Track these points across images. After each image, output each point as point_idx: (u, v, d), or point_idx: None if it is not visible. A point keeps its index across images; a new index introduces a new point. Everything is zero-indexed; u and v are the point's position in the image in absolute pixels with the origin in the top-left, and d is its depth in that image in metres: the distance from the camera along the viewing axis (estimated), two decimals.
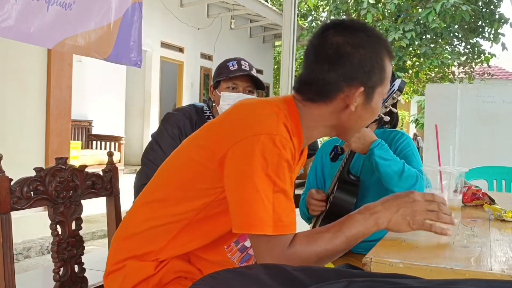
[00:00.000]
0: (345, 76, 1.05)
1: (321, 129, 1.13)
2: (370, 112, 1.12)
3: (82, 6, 2.43)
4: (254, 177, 0.98)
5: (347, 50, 1.05)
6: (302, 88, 1.11)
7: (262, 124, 1.02)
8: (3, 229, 1.21)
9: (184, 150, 1.15)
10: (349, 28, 1.08)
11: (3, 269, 1.20)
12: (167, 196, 1.12)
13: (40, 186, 1.31)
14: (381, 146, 1.58)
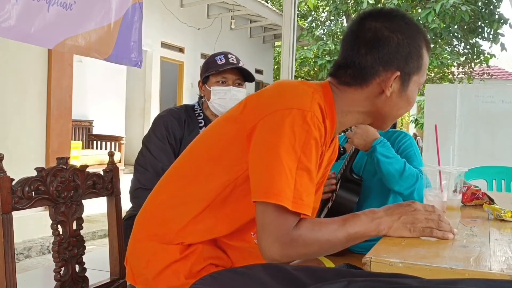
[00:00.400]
0: (382, 60, 1.06)
1: (355, 115, 1.13)
2: (405, 100, 1.12)
3: (82, 6, 2.43)
4: (280, 149, 0.97)
5: (385, 34, 1.06)
6: (338, 72, 1.11)
7: (295, 99, 1.02)
8: (4, 229, 1.21)
9: (213, 128, 1.14)
10: (388, 15, 1.09)
11: (4, 268, 1.20)
12: (192, 173, 1.10)
13: (41, 186, 1.31)
14: (383, 144, 1.59)
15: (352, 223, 1.03)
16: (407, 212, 1.07)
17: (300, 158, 0.98)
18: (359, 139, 1.61)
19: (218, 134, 1.11)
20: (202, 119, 2.04)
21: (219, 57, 2.04)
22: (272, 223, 0.97)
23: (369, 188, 1.70)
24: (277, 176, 0.96)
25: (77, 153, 6.09)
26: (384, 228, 1.05)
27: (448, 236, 1.06)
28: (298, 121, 0.99)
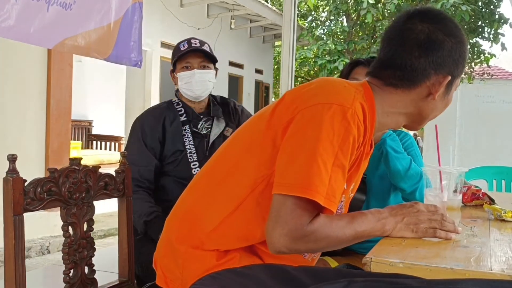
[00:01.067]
0: (435, 64, 1.04)
1: (396, 116, 1.11)
2: (445, 103, 1.11)
3: (82, 6, 2.43)
4: (318, 142, 0.94)
5: (439, 37, 1.04)
6: (384, 73, 1.08)
7: (337, 95, 1.00)
8: (15, 230, 1.20)
9: (249, 121, 1.12)
10: (437, 17, 1.07)
11: (14, 270, 1.19)
12: (222, 170, 1.08)
13: (53, 187, 1.29)
14: (393, 137, 1.59)
15: (360, 221, 1.02)
16: (410, 213, 1.06)
17: (337, 154, 0.96)
18: None
19: (251, 131, 1.09)
20: (181, 107, 2.05)
21: (182, 44, 2.06)
22: (288, 216, 0.94)
23: (370, 185, 1.70)
24: (311, 170, 0.93)
25: (77, 153, 6.09)
26: (389, 229, 1.04)
27: (451, 236, 1.05)
28: (337, 117, 0.97)
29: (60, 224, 1.37)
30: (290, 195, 0.94)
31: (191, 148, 1.99)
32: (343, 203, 1.15)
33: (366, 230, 1.02)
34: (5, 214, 1.20)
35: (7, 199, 1.20)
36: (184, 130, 2.01)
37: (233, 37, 11.04)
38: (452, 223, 1.07)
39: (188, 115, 2.05)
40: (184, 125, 2.02)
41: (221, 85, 10.95)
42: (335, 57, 11.52)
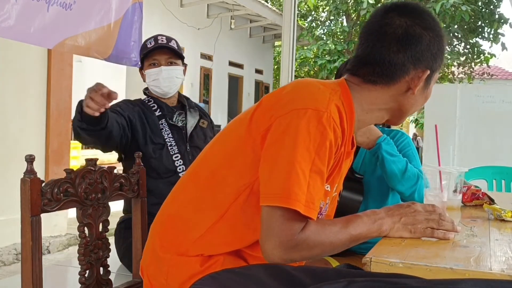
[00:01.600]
0: (414, 58, 1.03)
1: (376, 112, 1.10)
2: (424, 97, 1.11)
3: (82, 6, 2.43)
4: (294, 150, 0.94)
5: (417, 32, 1.03)
6: (362, 70, 1.07)
7: (311, 99, 0.99)
8: (33, 231, 1.20)
9: (229, 128, 1.11)
10: (415, 11, 1.06)
11: (31, 270, 1.19)
12: (205, 178, 1.07)
13: (70, 188, 1.29)
14: (387, 141, 1.59)
15: (355, 224, 1.02)
16: (407, 213, 1.06)
17: (314, 160, 0.95)
18: (362, 136, 1.59)
19: (232, 136, 1.08)
20: (153, 103, 2.06)
21: (149, 41, 2.07)
22: (279, 227, 0.94)
23: (368, 187, 1.69)
24: (290, 178, 0.93)
25: (77, 153, 6.10)
26: (386, 229, 1.04)
27: (449, 236, 1.05)
28: (313, 122, 0.96)
29: (60, 224, 1.37)
30: (275, 206, 0.94)
31: (171, 140, 2.00)
32: (328, 206, 1.14)
33: (362, 233, 1.02)
34: (22, 214, 1.19)
35: (24, 199, 1.19)
36: (161, 124, 2.02)
37: (233, 37, 11.05)
38: (450, 222, 1.07)
39: (162, 109, 2.06)
40: (160, 119, 2.03)
41: (221, 85, 10.95)
42: (335, 57, 11.53)
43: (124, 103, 2.04)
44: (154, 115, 2.03)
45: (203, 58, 10.24)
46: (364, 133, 1.59)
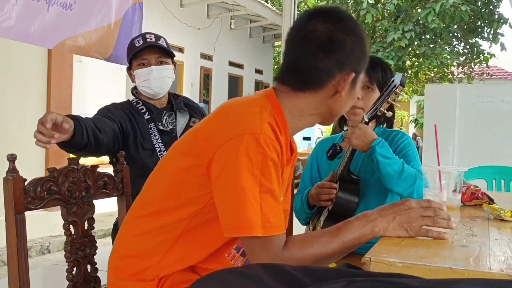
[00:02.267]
0: (339, 63, 1.06)
1: (308, 118, 1.13)
2: (351, 97, 1.14)
3: (82, 6, 2.43)
4: (240, 178, 0.97)
5: (340, 37, 1.06)
6: (290, 78, 1.10)
7: (245, 123, 1.01)
8: (17, 229, 1.21)
9: (170, 158, 1.13)
10: (337, 16, 1.09)
11: (17, 268, 1.21)
12: (157, 209, 1.10)
13: (53, 187, 1.31)
14: (382, 144, 1.59)
15: (346, 231, 1.04)
16: (401, 211, 1.06)
17: (261, 182, 0.98)
18: (357, 139, 1.59)
19: (176, 169, 1.09)
20: (142, 105, 2.00)
21: (137, 40, 1.99)
22: (259, 252, 0.99)
23: (367, 188, 1.70)
24: (242, 207, 0.97)
25: None
26: (380, 230, 1.05)
27: (444, 236, 1.05)
28: (252, 146, 0.98)
29: (60, 224, 1.38)
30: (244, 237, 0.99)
31: (160, 146, 1.94)
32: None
33: (354, 238, 1.03)
34: (6, 213, 1.21)
35: (8, 198, 1.21)
36: (150, 129, 1.96)
37: (233, 37, 11.04)
38: (446, 219, 1.06)
39: (151, 112, 2.00)
40: (150, 123, 1.97)
41: (221, 85, 10.95)
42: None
43: (113, 107, 1.97)
44: (143, 119, 1.97)
45: (203, 58, 10.24)
46: (359, 136, 1.59)
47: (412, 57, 12.25)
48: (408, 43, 11.06)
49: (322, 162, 1.88)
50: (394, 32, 10.97)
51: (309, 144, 18.20)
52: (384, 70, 1.76)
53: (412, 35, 10.87)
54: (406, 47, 11.22)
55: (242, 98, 1.12)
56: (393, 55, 10.93)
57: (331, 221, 1.64)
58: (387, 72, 1.76)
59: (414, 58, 12.28)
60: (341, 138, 1.90)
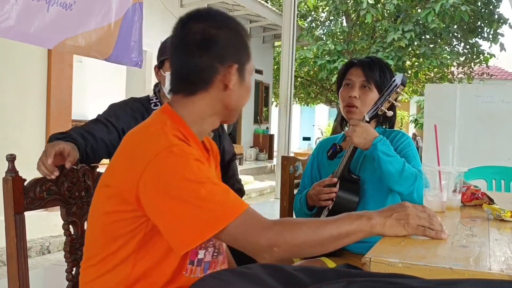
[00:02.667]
0: (217, 57, 1.09)
1: (209, 119, 1.15)
2: (245, 89, 1.16)
3: (82, 6, 2.43)
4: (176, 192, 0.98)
5: (212, 32, 1.09)
6: (180, 86, 1.13)
7: (153, 145, 1.02)
8: (17, 229, 1.21)
9: (96, 205, 1.13)
10: (207, 15, 1.13)
11: (17, 268, 1.21)
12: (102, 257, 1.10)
13: (53, 187, 1.31)
14: (383, 142, 1.59)
15: (343, 220, 1.04)
16: (397, 209, 1.07)
17: (197, 180, 0.99)
18: (359, 137, 1.59)
19: (103, 214, 1.09)
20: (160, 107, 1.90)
21: None
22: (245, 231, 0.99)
23: (367, 188, 1.70)
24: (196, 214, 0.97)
25: None
26: (377, 223, 1.04)
27: (442, 236, 1.05)
28: (169, 160, 1.00)
29: (60, 224, 1.38)
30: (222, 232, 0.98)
31: None
32: None
33: (350, 229, 1.02)
34: (6, 213, 1.21)
35: (7, 198, 1.21)
36: None
37: None
38: (438, 229, 1.07)
39: None
40: None
41: None
42: (335, 57, 11.52)
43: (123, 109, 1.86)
44: None
45: None
46: (361, 134, 1.59)
47: (412, 57, 12.25)
48: (408, 43, 11.06)
49: (322, 162, 1.88)
50: (394, 32, 10.97)
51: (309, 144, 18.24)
52: (382, 70, 1.76)
53: (412, 35, 10.86)
54: (406, 47, 11.22)
55: (139, 126, 1.12)
56: (393, 55, 10.92)
57: None
58: (386, 72, 1.76)
59: (414, 58, 12.28)
60: (341, 138, 1.90)
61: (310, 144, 18.25)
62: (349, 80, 1.77)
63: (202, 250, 1.15)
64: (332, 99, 14.34)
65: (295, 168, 2.12)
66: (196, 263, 1.14)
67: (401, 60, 11.18)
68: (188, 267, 1.13)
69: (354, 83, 1.76)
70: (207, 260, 1.17)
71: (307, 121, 23.42)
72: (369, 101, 1.72)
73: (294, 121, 8.84)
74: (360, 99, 1.74)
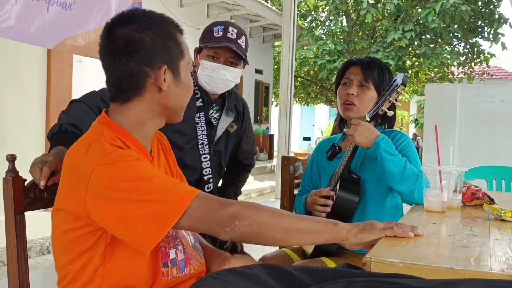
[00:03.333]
0: (144, 61, 1.07)
1: (151, 122, 1.13)
2: (184, 87, 1.14)
3: (82, 6, 2.43)
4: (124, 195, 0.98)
5: (136, 36, 1.07)
6: (115, 93, 1.11)
7: (90, 160, 1.01)
8: (17, 229, 1.21)
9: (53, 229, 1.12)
10: (129, 18, 1.11)
11: (17, 268, 1.21)
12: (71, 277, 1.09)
13: (53, 187, 1.29)
14: (386, 141, 1.58)
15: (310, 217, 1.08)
16: (365, 222, 1.10)
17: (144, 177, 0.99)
18: (361, 136, 1.59)
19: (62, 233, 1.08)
20: (197, 89, 1.85)
21: (217, 28, 1.78)
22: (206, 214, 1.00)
23: (366, 188, 1.69)
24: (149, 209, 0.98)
25: None
26: (344, 228, 1.05)
27: (409, 234, 1.06)
28: (110, 167, 0.99)
29: None
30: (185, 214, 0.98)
31: (204, 139, 1.82)
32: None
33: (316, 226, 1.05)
34: (6, 213, 1.20)
35: (7, 198, 1.21)
36: (198, 118, 1.82)
37: None
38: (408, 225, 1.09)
39: (203, 99, 1.84)
40: (199, 112, 1.82)
41: None
42: (335, 57, 11.52)
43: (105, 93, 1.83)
44: (194, 104, 1.81)
45: None
46: (363, 133, 1.58)
47: (412, 57, 12.25)
48: (408, 43, 11.06)
49: (322, 162, 1.88)
50: (394, 32, 10.97)
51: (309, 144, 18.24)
52: (381, 70, 1.76)
53: (412, 35, 10.86)
54: (406, 47, 11.22)
55: (77, 142, 1.10)
56: (393, 55, 10.92)
57: None
58: (384, 73, 1.76)
59: (414, 58, 12.28)
60: (340, 139, 1.90)
61: (310, 144, 18.26)
62: (347, 79, 1.78)
63: (172, 249, 1.15)
64: (332, 99, 14.34)
65: (295, 168, 2.11)
66: (170, 264, 1.14)
67: (401, 60, 11.18)
68: (163, 271, 1.12)
69: (352, 81, 1.76)
70: (180, 258, 1.17)
71: (307, 121, 23.43)
72: (367, 99, 1.72)
73: (294, 121, 8.84)
74: (358, 97, 1.74)
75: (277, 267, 1.01)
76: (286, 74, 6.67)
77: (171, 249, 1.14)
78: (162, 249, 1.13)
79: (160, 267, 1.12)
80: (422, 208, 1.46)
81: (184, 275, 1.17)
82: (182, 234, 1.21)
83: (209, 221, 1.00)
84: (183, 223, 1.00)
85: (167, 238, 1.14)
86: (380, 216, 1.69)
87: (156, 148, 1.23)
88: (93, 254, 1.06)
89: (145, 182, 0.99)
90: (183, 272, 1.17)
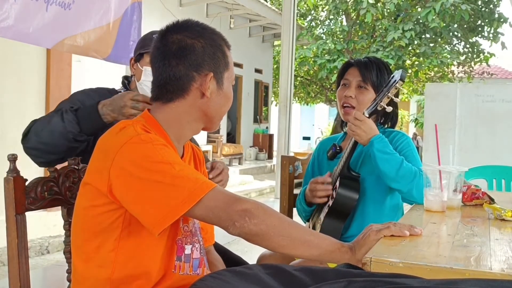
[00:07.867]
0: (193, 66, 1.13)
1: (188, 125, 1.18)
2: (224, 97, 1.19)
3: (81, 6, 2.43)
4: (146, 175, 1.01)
5: (188, 42, 1.13)
6: (159, 93, 1.16)
7: (121, 138, 1.05)
8: (18, 229, 1.21)
9: (76, 203, 1.15)
10: (185, 26, 1.17)
11: (18, 268, 1.21)
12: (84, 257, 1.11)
13: (54, 187, 1.31)
14: (381, 140, 1.59)
15: (323, 235, 1.09)
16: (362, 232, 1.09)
17: (167, 162, 1.02)
18: (361, 132, 1.60)
19: (83, 210, 1.10)
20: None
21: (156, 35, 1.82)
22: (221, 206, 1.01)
23: (366, 185, 1.69)
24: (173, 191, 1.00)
25: None
26: (347, 252, 1.05)
27: (405, 232, 1.06)
28: (138, 146, 1.03)
29: (59, 224, 1.38)
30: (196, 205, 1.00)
31: None
32: None
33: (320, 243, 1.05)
34: (7, 213, 1.20)
35: (8, 198, 1.21)
36: None
37: (232, 37, 11.03)
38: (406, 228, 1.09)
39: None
40: None
41: None
42: (335, 57, 11.52)
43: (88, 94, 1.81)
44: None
45: None
46: (364, 130, 1.59)
47: (412, 56, 12.26)
48: (408, 43, 11.06)
49: (323, 162, 1.88)
50: (394, 31, 10.97)
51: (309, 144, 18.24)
52: (380, 70, 1.76)
53: (412, 34, 10.87)
54: (406, 46, 11.22)
55: (110, 128, 1.13)
56: (393, 54, 10.93)
57: (331, 218, 1.64)
58: (384, 73, 1.76)
59: (414, 57, 12.28)
60: (341, 138, 1.90)
61: (310, 143, 18.26)
62: (346, 80, 1.78)
63: (189, 245, 1.16)
64: (332, 98, 14.35)
65: (295, 168, 2.11)
66: (184, 259, 1.15)
67: (401, 59, 11.18)
68: (176, 264, 1.14)
69: (350, 83, 1.76)
70: (195, 256, 1.18)
71: (307, 120, 23.43)
72: (365, 101, 1.72)
73: (294, 120, 8.84)
74: (357, 99, 1.74)
75: (277, 267, 1.01)
76: (286, 73, 6.68)
77: (187, 244, 1.16)
78: (178, 242, 1.14)
79: (173, 259, 1.13)
80: (422, 207, 1.46)
81: (196, 274, 1.18)
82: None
83: (222, 214, 1.02)
84: (197, 211, 1.02)
85: (185, 232, 1.16)
86: (380, 215, 1.69)
87: (188, 156, 1.26)
88: (107, 236, 1.08)
89: (167, 166, 1.02)
90: (196, 271, 1.18)
